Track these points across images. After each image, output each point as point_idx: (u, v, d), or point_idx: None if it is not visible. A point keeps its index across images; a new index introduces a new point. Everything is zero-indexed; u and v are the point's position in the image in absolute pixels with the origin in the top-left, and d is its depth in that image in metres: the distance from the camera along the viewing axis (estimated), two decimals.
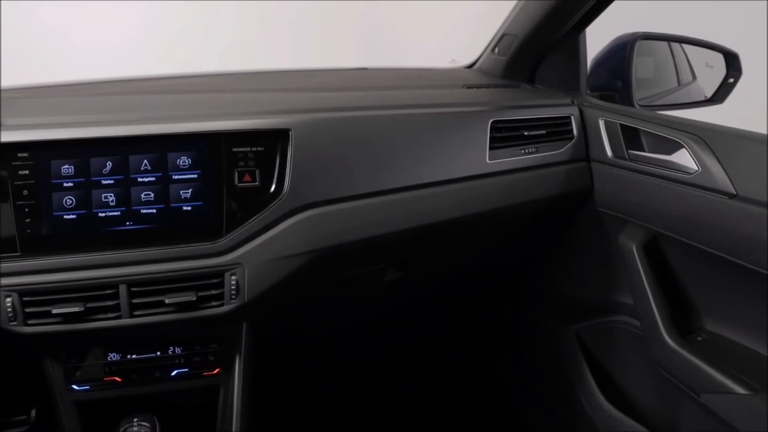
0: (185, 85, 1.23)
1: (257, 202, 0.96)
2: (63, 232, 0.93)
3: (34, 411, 1.38)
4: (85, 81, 1.22)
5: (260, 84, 1.27)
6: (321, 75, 1.46)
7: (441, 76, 1.47)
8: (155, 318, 0.92)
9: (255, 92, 1.12)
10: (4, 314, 0.89)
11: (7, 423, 1.35)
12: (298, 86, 1.22)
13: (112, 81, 1.22)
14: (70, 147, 0.93)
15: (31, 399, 1.38)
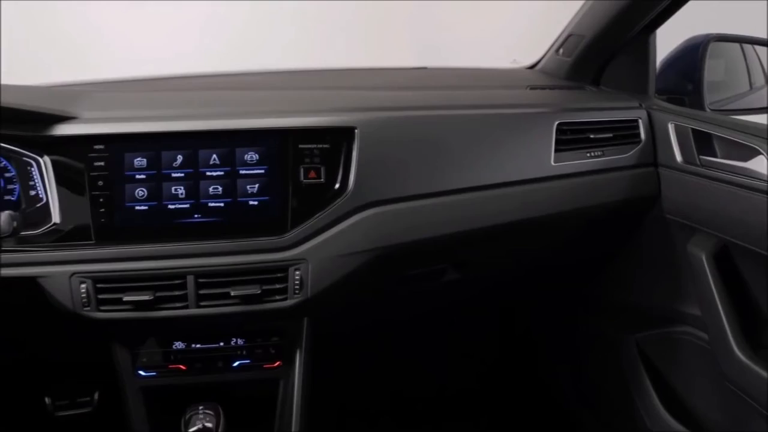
0: (252, 82, 1.26)
1: (322, 199, 0.97)
2: (135, 223, 0.96)
3: (96, 394, 1.43)
4: (155, 77, 1.26)
5: (324, 82, 1.28)
6: (382, 74, 1.47)
7: (503, 77, 1.46)
8: (220, 309, 0.94)
9: (320, 90, 1.13)
10: (78, 299, 0.93)
11: (72, 403, 1.40)
12: (361, 84, 1.22)
13: (182, 77, 1.26)
14: (143, 140, 0.96)
15: (94, 382, 1.44)
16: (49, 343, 1.13)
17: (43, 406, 1.42)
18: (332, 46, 3.10)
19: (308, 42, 3.03)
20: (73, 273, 0.93)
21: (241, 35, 2.94)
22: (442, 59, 3.31)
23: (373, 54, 3.14)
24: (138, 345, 1.00)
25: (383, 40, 3.20)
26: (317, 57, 2.97)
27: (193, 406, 0.94)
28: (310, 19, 3.07)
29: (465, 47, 3.25)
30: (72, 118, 0.96)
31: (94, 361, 1.30)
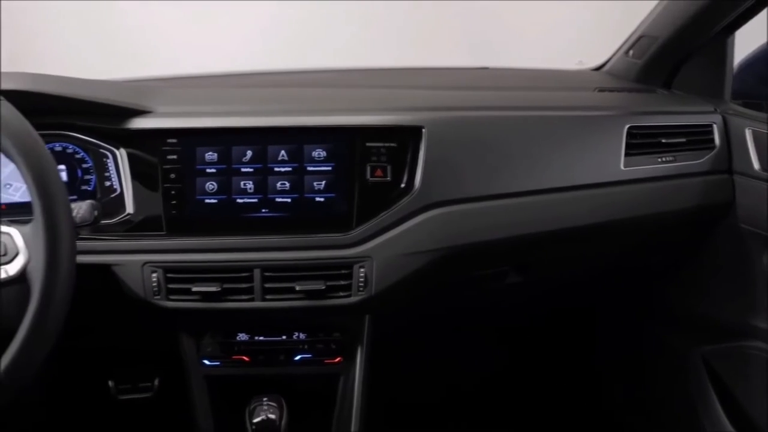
0: (316, 79, 1.27)
1: (388, 197, 0.97)
2: (204, 216, 0.98)
3: (157, 380, 1.47)
4: (222, 73, 1.29)
5: (388, 80, 1.28)
6: (444, 73, 1.46)
7: (569, 78, 1.43)
8: (285, 303, 0.95)
9: (386, 88, 1.13)
10: (149, 288, 0.95)
11: (134, 388, 1.45)
12: (426, 84, 1.22)
13: (248, 74, 1.28)
14: (215, 135, 0.98)
15: (155, 369, 1.48)
16: (116, 330, 1.17)
17: (107, 389, 1.47)
18: (386, 45, 3.10)
19: (362, 41, 3.04)
20: (145, 262, 0.96)
21: (294, 35, 2.97)
22: (496, 60, 3.27)
23: (425, 54, 3.13)
24: (203, 335, 1.02)
25: (436, 40, 3.19)
26: (371, 56, 2.98)
27: (257, 398, 0.95)
28: (363, 18, 3.08)
29: (520, 48, 3.20)
30: (147, 112, 0.99)
31: (157, 349, 1.35)
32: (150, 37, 2.77)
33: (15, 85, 0.86)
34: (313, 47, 2.88)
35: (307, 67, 1.36)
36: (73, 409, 1.54)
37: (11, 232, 0.74)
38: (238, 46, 2.80)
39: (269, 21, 2.90)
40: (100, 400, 1.49)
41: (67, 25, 2.66)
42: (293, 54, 2.89)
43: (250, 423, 0.92)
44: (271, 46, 2.81)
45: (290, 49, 2.85)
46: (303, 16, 2.93)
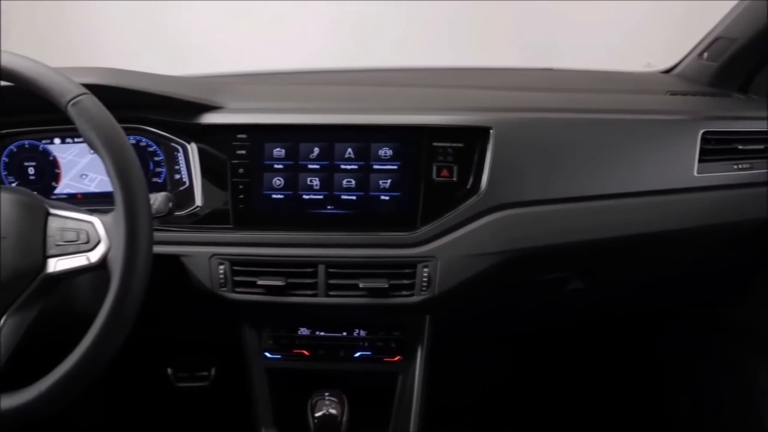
0: (384, 78, 1.27)
1: (453, 198, 0.97)
2: (271, 210, 1.00)
3: (213, 369, 1.51)
4: (291, 70, 1.30)
5: (453, 80, 1.27)
6: (509, 74, 1.44)
7: (637, 81, 1.39)
8: (348, 300, 0.96)
9: (452, 88, 1.13)
10: (216, 280, 0.98)
11: (191, 376, 1.49)
12: (492, 84, 1.20)
13: (316, 71, 1.29)
14: (283, 131, 1.00)
15: (211, 359, 1.52)
16: (180, 319, 1.19)
17: (165, 376, 1.51)
18: (442, 45, 3.08)
19: (418, 41, 3.03)
20: (212, 254, 0.98)
21: (350, 34, 2.98)
22: (553, 61, 3.21)
23: (479, 54, 3.10)
24: (266, 328, 1.04)
25: (491, 41, 3.15)
26: (427, 56, 2.97)
27: (319, 392, 0.96)
28: (417, 18, 3.06)
29: (580, 49, 3.13)
30: (219, 108, 1.02)
31: (215, 340, 1.38)
32: (206, 36, 2.85)
33: (98, 79, 0.88)
34: (369, 47, 2.89)
35: (371, 66, 1.36)
36: (132, 394, 1.59)
37: (93, 221, 0.77)
38: (296, 45, 2.85)
39: (325, 21, 2.93)
40: (158, 386, 1.53)
41: (125, 24, 2.76)
42: (348, 53, 2.91)
43: (312, 417, 0.93)
44: (327, 46, 2.84)
45: (345, 48, 2.87)
46: (358, 16, 2.94)
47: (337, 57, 2.82)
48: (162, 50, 2.54)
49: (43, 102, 0.75)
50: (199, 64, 1.19)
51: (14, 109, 1.04)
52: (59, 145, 1.07)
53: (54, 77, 0.75)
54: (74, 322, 0.90)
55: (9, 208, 0.77)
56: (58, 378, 0.73)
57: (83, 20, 2.77)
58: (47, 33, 2.84)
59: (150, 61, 1.01)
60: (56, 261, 0.76)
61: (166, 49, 2.53)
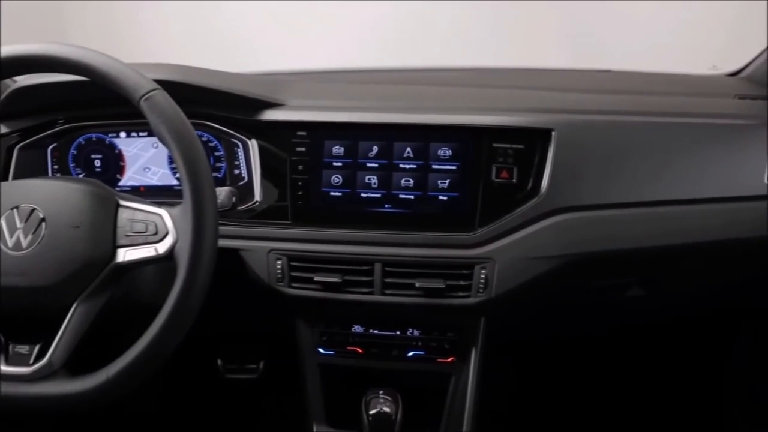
0: (440, 77, 1.27)
1: (513, 200, 0.96)
2: (329, 208, 1.01)
3: (262, 363, 1.53)
4: (348, 68, 1.31)
5: (511, 81, 1.26)
6: (567, 75, 1.42)
7: (702, 84, 1.35)
8: (403, 299, 0.96)
9: (513, 89, 1.11)
10: (274, 275, 0.99)
11: (240, 368, 1.52)
12: (551, 85, 1.18)
13: (373, 70, 1.30)
14: (343, 129, 1.00)
15: (260, 353, 1.54)
16: (235, 313, 1.21)
17: (215, 367, 1.54)
18: (490, 45, 3.05)
19: (463, 41, 3.01)
20: (270, 249, 1.00)
21: (396, 34, 2.98)
22: (604, 62, 3.14)
23: (527, 54, 3.05)
24: (320, 324, 1.05)
25: (540, 40, 3.10)
26: (472, 56, 2.94)
27: (373, 390, 0.96)
28: (463, 17, 3.04)
29: (632, 49, 3.06)
30: (279, 105, 1.03)
31: (266, 333, 1.40)
32: (250, 34, 2.89)
33: (167, 75, 0.91)
34: (416, 47, 2.89)
35: (425, 65, 1.36)
36: (183, 383, 1.63)
37: (162, 213, 0.79)
38: (341, 44, 2.87)
39: (370, 20, 2.94)
40: (208, 377, 1.56)
41: (174, 21, 2.83)
42: (395, 54, 2.91)
43: (366, 414, 0.93)
44: (370, 46, 2.85)
45: (392, 49, 2.87)
46: (405, 16, 2.94)
47: (381, 57, 2.83)
48: (208, 48, 2.60)
49: (112, 96, 0.77)
50: (244, 62, 1.20)
51: (84, 103, 1.07)
52: (125, 139, 1.11)
53: (128, 73, 0.77)
54: (136, 312, 0.93)
55: (82, 198, 0.80)
56: (125, 365, 0.75)
57: (133, 18, 2.86)
58: (99, 30, 2.95)
59: (197, 59, 1.03)
60: (125, 251, 0.78)
61: (213, 46, 2.59)
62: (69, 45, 0.79)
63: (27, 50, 0.78)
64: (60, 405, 0.77)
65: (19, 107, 1.07)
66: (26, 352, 0.78)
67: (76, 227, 0.77)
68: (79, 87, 0.98)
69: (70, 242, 0.77)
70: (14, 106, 1.06)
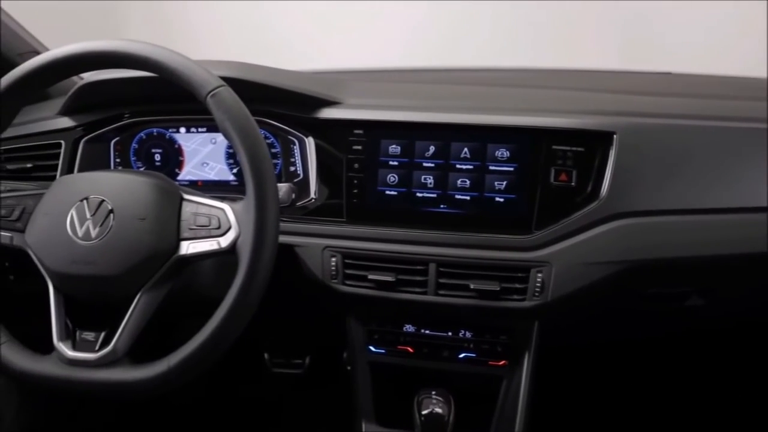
0: (495, 78, 1.26)
1: (571, 203, 0.94)
2: (384, 206, 1.01)
3: (308, 359, 1.55)
4: (401, 68, 1.31)
5: (568, 82, 1.24)
6: (624, 77, 1.39)
7: (765, 88, 1.30)
8: (457, 300, 0.95)
9: (572, 90, 1.09)
10: (328, 272, 1.00)
11: (287, 363, 1.53)
12: (610, 87, 1.16)
13: (427, 70, 1.29)
14: (400, 128, 1.00)
15: (307, 348, 1.55)
16: (287, 309, 1.23)
17: (262, 360, 1.57)
18: (534, 45, 3.01)
19: (509, 41, 2.98)
20: (325, 246, 1.00)
21: (438, 35, 2.97)
22: (654, 64, 3.05)
23: (571, 56, 3.00)
24: (371, 322, 1.05)
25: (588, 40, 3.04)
26: (518, 57, 2.91)
27: (426, 390, 0.96)
28: (510, 18, 3.00)
29: (685, 51, 2.97)
30: (337, 103, 1.03)
31: (315, 329, 1.41)
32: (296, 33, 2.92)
33: (231, 72, 0.92)
34: (458, 47, 2.87)
35: (479, 66, 1.35)
36: (230, 375, 1.66)
37: (225, 208, 0.80)
38: (386, 44, 2.88)
39: (408, 23, 2.94)
40: (255, 370, 1.59)
41: (221, 20, 2.89)
42: (436, 54, 2.90)
43: (418, 414, 0.93)
44: (412, 46, 2.84)
45: (433, 48, 2.86)
46: (449, 17, 2.93)
47: (422, 57, 2.83)
48: (254, 46, 2.64)
49: (175, 92, 0.79)
50: (287, 60, 1.21)
51: (147, 99, 1.10)
52: (184, 134, 1.13)
53: (196, 69, 0.79)
54: (192, 304, 0.95)
55: (149, 191, 0.82)
56: (186, 355, 0.77)
57: (182, 18, 2.93)
58: (149, 28, 3.03)
59: (243, 58, 1.04)
60: (188, 244, 0.80)
61: (258, 45, 2.63)
62: (140, 42, 0.81)
63: (99, 47, 0.81)
64: (123, 391, 0.79)
65: (85, 102, 1.10)
66: (92, 338, 0.81)
67: (143, 219, 0.79)
68: (144, 83, 1.01)
69: (137, 234, 0.79)
70: (81, 101, 1.09)
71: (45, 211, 0.83)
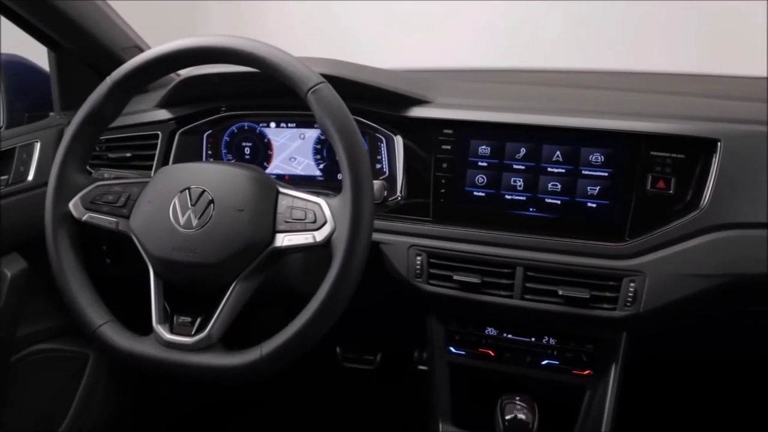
0: (585, 80, 1.23)
1: (668, 212, 0.91)
2: (471, 207, 1.00)
3: (379, 356, 1.56)
4: (486, 68, 1.30)
5: (664, 86, 1.19)
6: (720, 81, 1.32)
7: None
8: (544, 306, 0.93)
9: (668, 94, 1.05)
10: (412, 270, 1.00)
11: (358, 358, 1.54)
12: (710, 92, 1.11)
13: (511, 70, 1.27)
14: (491, 129, 0.99)
15: (379, 345, 1.56)
16: (368, 305, 1.23)
17: (334, 354, 1.58)
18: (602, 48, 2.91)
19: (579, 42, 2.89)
20: (411, 245, 1.01)
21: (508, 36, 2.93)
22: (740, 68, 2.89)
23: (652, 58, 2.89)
24: (453, 323, 1.04)
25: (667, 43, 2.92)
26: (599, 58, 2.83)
27: (509, 395, 0.95)
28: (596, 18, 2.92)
29: None
30: (427, 102, 1.03)
31: (392, 328, 1.41)
32: (368, 32, 2.95)
33: (330, 70, 0.94)
34: (528, 47, 2.82)
35: (568, 67, 1.32)
36: (301, 366, 1.68)
37: (320, 203, 0.81)
38: (455, 44, 2.86)
39: (481, 21, 2.90)
40: (325, 363, 1.61)
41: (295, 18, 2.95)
42: (506, 54, 2.85)
43: (501, 418, 0.92)
44: (484, 46, 2.81)
45: (505, 48, 2.81)
46: (518, 17, 2.87)
47: (495, 56, 2.79)
48: (328, 45, 2.68)
49: (268, 88, 0.79)
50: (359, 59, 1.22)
51: (242, 94, 1.14)
52: (274, 129, 1.16)
53: (298, 65, 0.80)
54: (278, 295, 0.97)
55: (247, 183, 0.84)
56: (278, 345, 0.78)
57: (259, 16, 3.01)
58: (226, 25, 3.13)
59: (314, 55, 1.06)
60: (284, 236, 0.81)
61: (333, 43, 2.66)
62: (245, 38, 0.83)
63: (208, 43, 0.83)
64: (216, 376, 0.81)
65: (184, 95, 1.15)
66: (188, 323, 0.84)
67: (241, 210, 0.81)
68: (242, 78, 1.04)
69: (235, 224, 0.81)
70: (180, 94, 1.14)
71: (149, 199, 0.86)
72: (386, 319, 1.33)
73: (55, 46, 1.22)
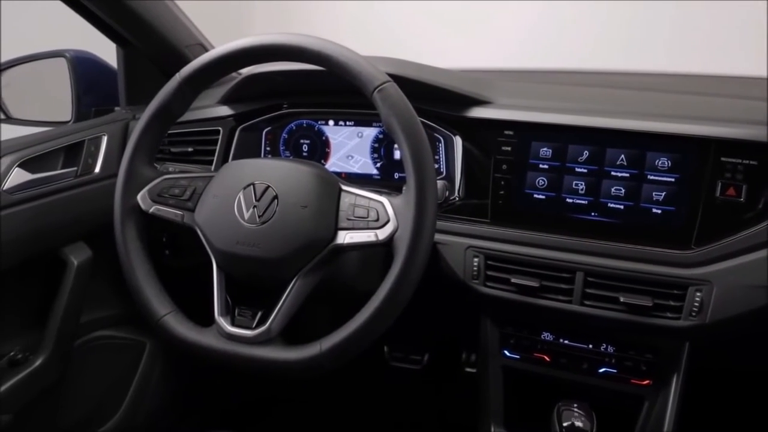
0: (647, 82, 1.20)
1: (738, 220, 0.88)
2: (530, 210, 0.99)
3: (426, 356, 1.55)
4: (544, 69, 1.28)
5: (732, 89, 1.15)
6: None
7: None
8: (604, 312, 0.92)
9: (737, 99, 1.02)
10: (469, 272, 0.99)
11: (406, 358, 1.54)
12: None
13: (570, 71, 1.25)
14: (552, 131, 0.98)
15: (427, 346, 1.56)
16: (420, 305, 1.23)
17: (382, 352, 1.59)
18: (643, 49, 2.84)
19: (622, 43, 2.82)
20: (468, 246, 1.00)
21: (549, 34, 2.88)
22: None
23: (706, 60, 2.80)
24: (508, 326, 1.04)
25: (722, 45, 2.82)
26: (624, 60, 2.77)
27: (567, 402, 0.93)
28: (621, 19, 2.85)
29: None
30: (488, 103, 1.03)
31: (444, 329, 1.40)
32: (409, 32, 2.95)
33: (394, 69, 0.93)
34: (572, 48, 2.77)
35: (624, 69, 1.29)
36: (349, 363, 1.69)
37: (383, 201, 0.81)
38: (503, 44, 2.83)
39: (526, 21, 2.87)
40: (373, 360, 1.61)
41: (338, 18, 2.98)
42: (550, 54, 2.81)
43: (558, 424, 0.91)
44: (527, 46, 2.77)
45: (547, 49, 2.77)
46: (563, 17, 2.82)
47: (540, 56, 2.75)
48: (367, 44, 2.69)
49: (328, 86, 0.78)
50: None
51: (302, 91, 1.15)
52: (332, 127, 1.17)
53: (364, 64, 0.81)
54: (335, 292, 0.98)
55: (311, 181, 0.85)
56: (338, 341, 0.79)
57: (305, 17, 3.04)
58: (271, 25, 3.17)
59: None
60: (346, 234, 0.82)
61: (372, 43, 2.67)
62: (310, 36, 0.83)
63: (273, 40, 0.84)
64: (275, 369, 0.83)
65: (246, 92, 1.17)
66: (249, 316, 0.85)
67: (304, 207, 0.82)
68: (304, 76, 1.06)
69: (298, 220, 0.82)
70: (243, 91, 1.16)
71: (214, 193, 0.88)
72: (437, 320, 1.33)
73: (124, 42, 1.25)
